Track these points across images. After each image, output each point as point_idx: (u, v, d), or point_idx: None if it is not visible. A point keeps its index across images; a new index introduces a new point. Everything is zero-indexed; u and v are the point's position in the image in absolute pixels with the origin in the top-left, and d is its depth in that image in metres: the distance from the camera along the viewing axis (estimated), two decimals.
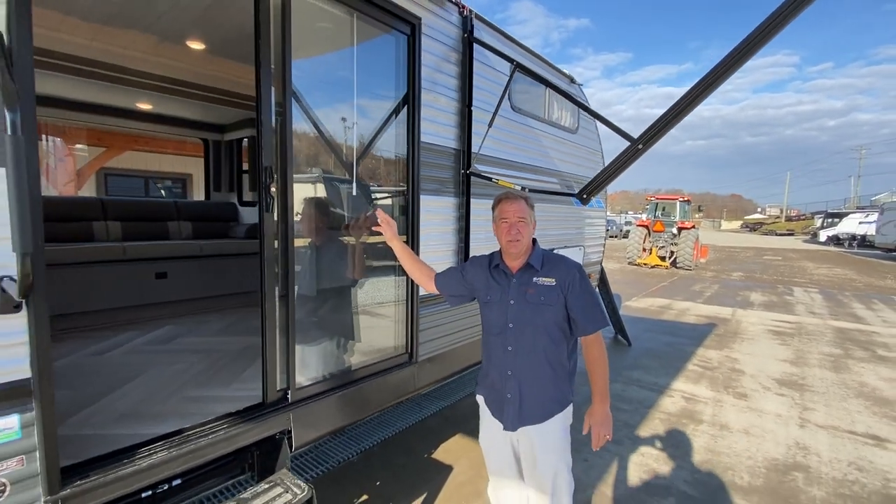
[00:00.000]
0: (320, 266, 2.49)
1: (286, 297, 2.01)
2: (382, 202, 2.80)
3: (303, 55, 2.12)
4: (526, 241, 1.93)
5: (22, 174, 0.97)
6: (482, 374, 2.09)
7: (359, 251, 2.52)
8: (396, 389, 2.59)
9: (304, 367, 2.32)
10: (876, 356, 6.14)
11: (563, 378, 1.94)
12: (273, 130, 1.92)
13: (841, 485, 3.13)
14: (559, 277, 1.88)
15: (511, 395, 1.93)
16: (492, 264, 2.04)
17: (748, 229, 66.69)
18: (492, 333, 1.99)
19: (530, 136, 3.63)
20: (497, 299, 1.96)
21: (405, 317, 2.65)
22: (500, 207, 1.96)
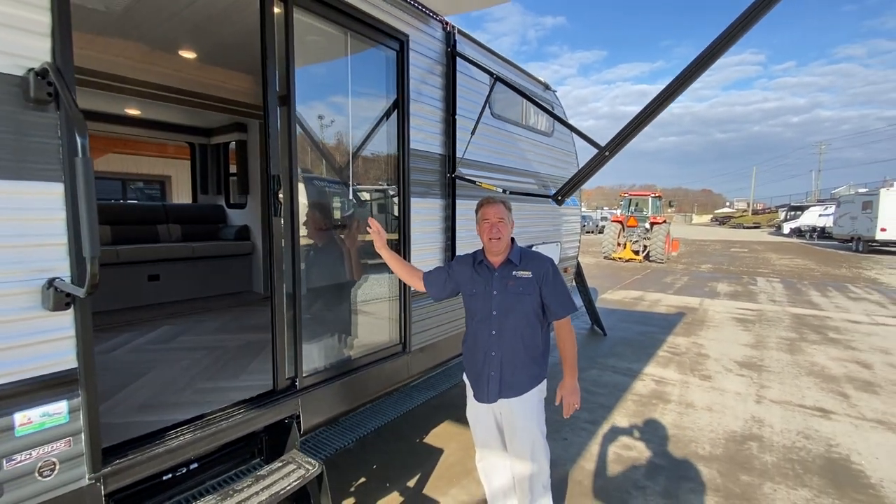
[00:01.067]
0: (320, 264, 2.68)
1: (294, 294, 2.21)
2: (375, 203, 3.01)
3: (300, 68, 2.31)
4: (505, 240, 2.21)
5: (91, 190, 1.15)
6: (467, 357, 2.35)
7: (355, 253, 2.73)
8: (392, 376, 2.81)
9: (310, 357, 2.52)
10: (827, 339, 6.68)
11: (538, 357, 2.24)
12: (279, 141, 2.11)
13: (790, 451, 3.51)
14: (535, 270, 2.19)
15: (494, 373, 2.21)
16: (475, 261, 2.33)
17: (717, 223, 69.11)
18: (477, 320, 2.26)
19: (509, 140, 3.89)
20: (481, 291, 2.24)
21: (399, 311, 2.88)
22: (483, 210, 2.25)
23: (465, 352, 2.38)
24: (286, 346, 2.21)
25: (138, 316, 3.85)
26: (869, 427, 3.89)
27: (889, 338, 6.68)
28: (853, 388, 4.75)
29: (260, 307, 4.34)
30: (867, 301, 9.49)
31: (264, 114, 2.06)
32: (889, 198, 18.80)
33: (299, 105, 2.21)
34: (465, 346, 2.37)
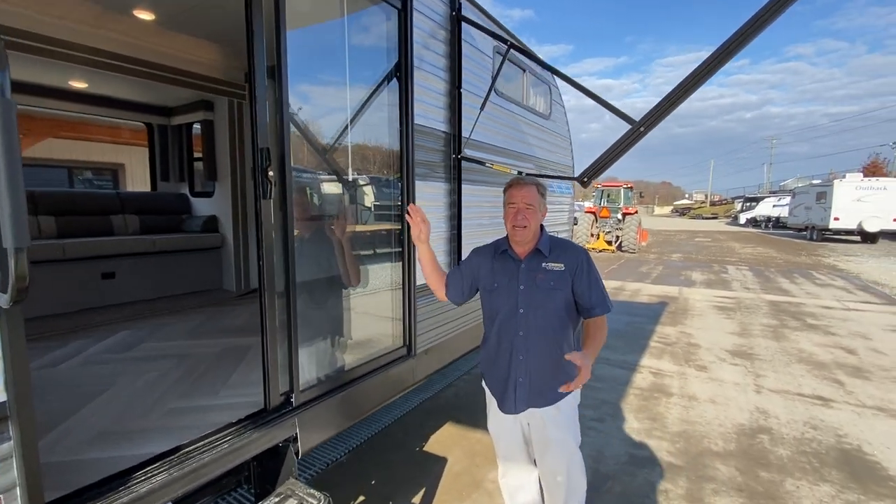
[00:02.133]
0: (311, 257, 2.31)
1: (287, 292, 1.84)
2: (373, 187, 2.65)
3: (290, 31, 1.92)
4: (533, 228, 1.92)
5: (14, 145, 0.76)
6: (486, 361, 2.06)
7: (348, 249, 2.35)
8: (397, 383, 2.48)
9: (307, 367, 2.15)
10: (807, 325, 6.80)
11: (570, 352, 1.95)
12: (268, 107, 1.72)
13: (801, 443, 3.42)
14: (567, 262, 1.91)
15: (522, 379, 1.93)
16: (497, 251, 2.03)
17: (678, 214, 71.80)
18: (500, 319, 1.96)
19: (513, 121, 3.59)
20: (504, 285, 1.95)
21: (402, 309, 2.54)
22: (510, 192, 1.95)
23: (483, 357, 2.08)
24: (279, 356, 1.84)
25: (91, 319, 3.33)
26: (871, 415, 3.87)
27: (864, 323, 6.87)
28: (845, 375, 4.78)
29: (233, 307, 3.89)
30: (834, 287, 9.84)
31: (249, 69, 1.66)
32: (842, 189, 19.81)
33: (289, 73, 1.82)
34: (485, 351, 2.07)
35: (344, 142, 2.33)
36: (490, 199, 3.24)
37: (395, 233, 2.52)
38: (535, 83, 4.11)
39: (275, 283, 1.78)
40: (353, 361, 2.29)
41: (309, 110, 2.25)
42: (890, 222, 19.25)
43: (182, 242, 4.19)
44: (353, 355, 2.34)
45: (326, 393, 2.03)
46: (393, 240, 2.53)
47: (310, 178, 2.38)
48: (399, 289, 2.54)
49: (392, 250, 2.53)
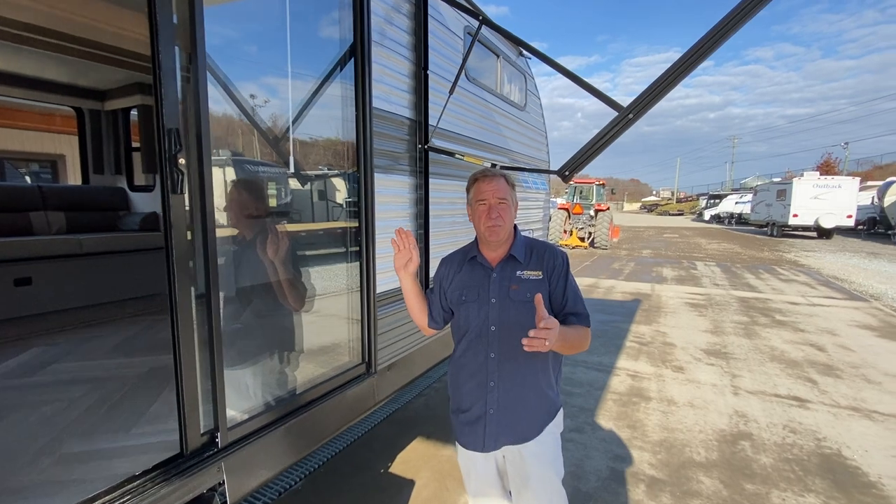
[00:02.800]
0: (248, 262, 1.96)
1: (207, 303, 1.49)
2: (324, 181, 2.31)
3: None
4: (508, 227, 1.64)
5: None
6: (455, 388, 1.77)
7: (285, 280, 1.97)
8: (354, 407, 2.16)
9: (238, 395, 1.81)
10: (775, 321, 6.85)
11: (548, 383, 1.69)
12: (177, 76, 1.37)
13: (783, 449, 3.30)
14: (545, 267, 1.62)
15: (493, 410, 1.64)
16: (466, 257, 1.74)
17: (646, 210, 73.81)
18: (467, 338, 1.68)
19: (485, 110, 3.30)
20: (474, 298, 1.66)
21: (360, 319, 2.22)
22: (476, 187, 1.65)
23: (450, 380, 1.79)
24: (199, 386, 1.49)
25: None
26: (847, 416, 3.81)
27: (829, 318, 6.99)
28: (817, 373, 4.76)
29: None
30: (797, 283, 10.08)
31: (150, 25, 1.30)
32: (801, 187, 20.56)
33: (210, 45, 1.47)
34: (452, 374, 1.78)
35: (288, 125, 1.98)
36: (463, 196, 2.96)
37: (351, 232, 2.20)
38: (510, 71, 3.84)
39: (190, 294, 1.44)
40: (300, 385, 1.96)
41: (244, 86, 1.89)
42: (844, 219, 20.12)
43: (116, 242, 3.71)
44: (299, 378, 2.01)
45: (265, 427, 1.70)
46: (349, 240, 2.20)
47: (247, 168, 2.03)
48: (355, 291, 2.22)
49: (348, 252, 2.21)
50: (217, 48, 1.70)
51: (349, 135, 2.14)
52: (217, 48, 1.70)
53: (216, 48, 1.67)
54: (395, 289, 2.40)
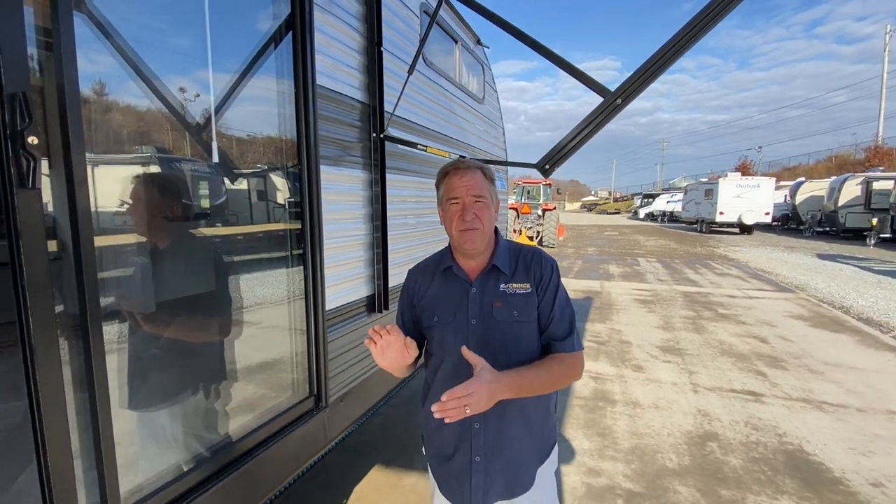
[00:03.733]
0: (159, 277, 1.52)
1: (85, 333, 1.07)
2: (258, 183, 1.89)
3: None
4: (487, 231, 1.33)
5: None
6: (429, 430, 1.44)
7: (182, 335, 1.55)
8: (300, 453, 1.77)
9: (142, 450, 1.38)
10: (719, 315, 7.12)
11: (544, 415, 1.40)
12: (24, 9, 0.93)
13: (748, 448, 3.27)
14: (534, 279, 1.34)
15: (480, 458, 1.32)
16: (440, 267, 1.41)
17: (586, 209, 77.29)
18: (444, 370, 1.36)
19: (444, 100, 2.99)
20: (450, 319, 1.34)
21: (307, 343, 1.82)
22: (447, 183, 1.33)
23: (423, 421, 1.46)
24: (73, 450, 1.06)
25: None
26: (800, 408, 3.90)
27: (766, 310, 7.38)
28: (765, 366, 4.90)
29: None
30: (731, 276, 10.70)
31: None
32: (726, 186, 22.19)
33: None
34: (425, 415, 1.45)
35: (210, 104, 1.55)
36: (427, 194, 2.63)
37: (292, 233, 1.80)
38: (469, 60, 3.56)
39: (53, 324, 1.00)
40: (233, 428, 1.55)
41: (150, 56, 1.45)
42: (762, 216, 21.96)
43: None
44: (231, 418, 1.59)
45: (177, 500, 1.27)
46: (291, 246, 1.81)
47: (158, 160, 1.57)
48: (300, 309, 1.82)
49: (290, 260, 1.81)
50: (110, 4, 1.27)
51: (288, 120, 1.74)
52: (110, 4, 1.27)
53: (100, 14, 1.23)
54: (348, 303, 2.03)
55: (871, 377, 4.56)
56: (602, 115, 1.73)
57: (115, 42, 1.34)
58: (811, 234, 21.22)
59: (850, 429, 3.53)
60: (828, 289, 8.99)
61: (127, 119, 1.46)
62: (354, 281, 2.11)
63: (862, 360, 5.04)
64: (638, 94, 1.70)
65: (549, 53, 1.87)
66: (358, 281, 2.14)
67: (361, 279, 2.16)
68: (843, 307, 7.56)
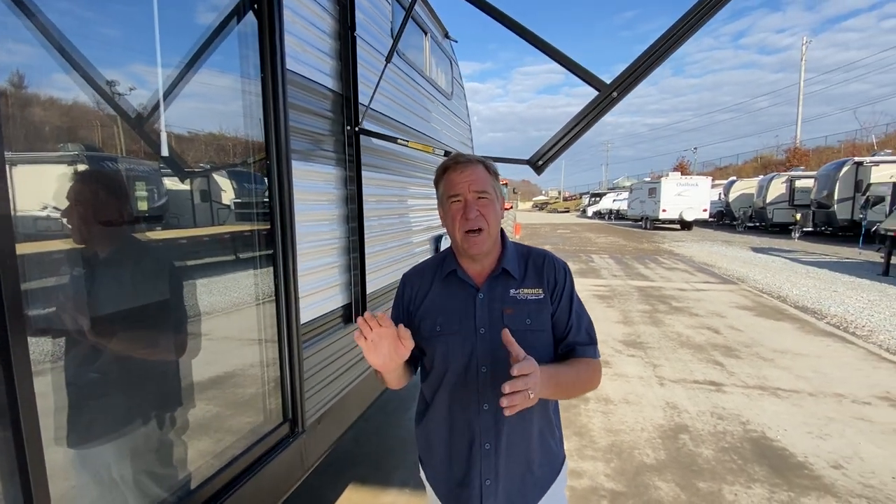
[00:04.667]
0: (109, 287, 1.27)
1: (6, 355, 0.83)
2: (220, 180, 1.65)
3: None
4: (493, 232, 1.21)
5: None
6: (427, 447, 1.31)
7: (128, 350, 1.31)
8: (276, 487, 1.56)
9: (82, 497, 1.14)
10: (673, 308, 7.43)
11: (552, 433, 1.30)
12: None
13: (717, 438, 3.37)
14: (546, 284, 1.23)
15: (490, 481, 1.20)
16: (442, 271, 1.27)
17: (538, 208, 79.34)
18: (447, 385, 1.23)
19: (416, 94, 2.84)
20: (455, 328, 1.21)
21: (279, 361, 1.61)
22: (447, 180, 1.20)
23: (423, 439, 1.32)
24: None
25: None
26: (757, 395, 4.09)
27: (714, 301, 7.79)
28: (721, 355, 5.13)
29: None
30: (679, 270, 11.26)
31: None
32: (667, 185, 23.47)
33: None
34: (425, 430, 1.31)
35: (156, 93, 1.31)
36: (407, 193, 2.47)
37: (261, 234, 1.58)
38: (438, 54, 3.42)
39: None
40: (187, 475, 1.32)
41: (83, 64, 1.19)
42: (701, 212, 23.43)
43: None
44: (184, 464, 1.36)
45: None
46: (259, 251, 1.59)
47: (99, 158, 1.31)
48: (271, 323, 1.61)
49: (258, 267, 1.59)
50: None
51: (254, 108, 1.53)
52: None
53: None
54: (324, 314, 1.84)
55: (815, 362, 4.88)
56: (598, 108, 1.65)
57: (39, 23, 1.09)
58: (744, 229, 22.91)
59: (804, 413, 3.73)
60: (765, 280, 9.66)
61: (54, 113, 1.19)
62: (330, 289, 1.91)
63: (805, 347, 5.40)
64: (634, 87, 1.64)
65: (541, 42, 1.77)
66: (334, 289, 1.94)
67: (337, 287, 1.97)
68: (781, 296, 8.14)
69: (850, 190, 15.53)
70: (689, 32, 1.62)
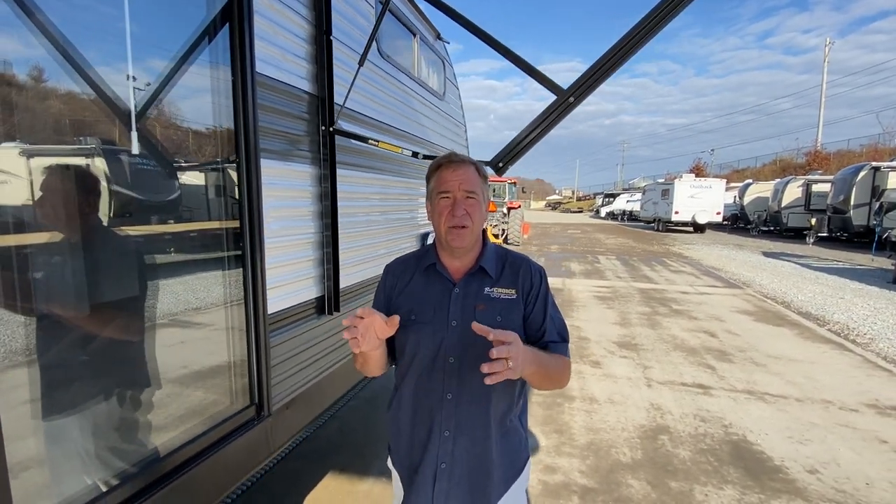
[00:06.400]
0: (75, 272, 1.38)
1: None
2: (191, 177, 1.76)
3: None
4: (476, 231, 1.27)
5: None
6: (394, 430, 1.38)
7: None
8: (240, 465, 1.66)
9: (65, 461, 1.25)
10: (673, 311, 7.40)
11: (517, 427, 1.35)
12: None
13: (697, 440, 3.40)
14: (520, 283, 1.29)
15: (446, 464, 1.26)
16: (422, 264, 1.34)
17: (550, 208, 78.92)
18: (415, 371, 1.29)
19: (402, 94, 2.91)
20: (428, 318, 1.27)
21: (247, 348, 1.72)
22: (438, 176, 1.27)
23: (390, 424, 1.39)
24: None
25: None
26: (744, 399, 4.09)
27: (715, 305, 7.73)
28: (713, 359, 5.12)
29: None
30: (684, 273, 11.17)
31: None
32: (681, 186, 23.17)
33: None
34: (392, 417, 1.38)
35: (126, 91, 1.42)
36: (386, 191, 2.56)
37: (230, 232, 1.68)
38: (428, 55, 3.49)
39: None
40: (153, 449, 1.42)
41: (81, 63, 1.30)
42: (714, 215, 23.08)
43: None
44: (148, 439, 1.47)
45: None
46: (227, 244, 1.69)
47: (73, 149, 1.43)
48: (239, 314, 1.71)
49: (224, 259, 1.69)
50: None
51: (224, 110, 1.62)
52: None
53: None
54: (295, 305, 1.93)
55: (808, 368, 4.85)
56: (555, 113, 1.71)
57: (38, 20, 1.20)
58: (757, 233, 22.50)
59: (788, 418, 3.73)
60: (771, 285, 9.54)
61: (33, 105, 1.31)
62: (302, 282, 2.01)
63: (800, 352, 5.36)
64: (589, 93, 1.69)
65: (505, 50, 1.83)
66: (306, 282, 2.04)
67: (310, 280, 2.07)
68: (785, 302, 8.04)
69: (867, 195, 15.16)
70: (645, 39, 1.67)
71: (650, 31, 1.70)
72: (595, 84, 1.69)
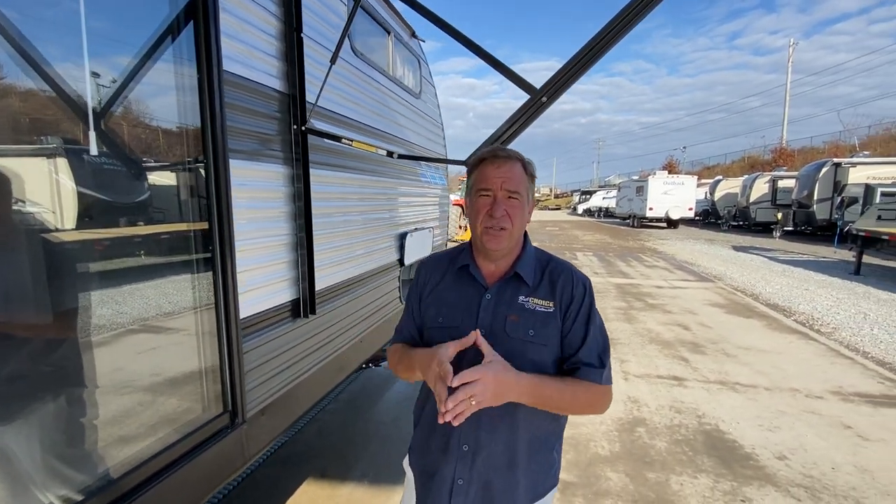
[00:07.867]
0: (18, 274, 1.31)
1: None
2: (158, 177, 1.70)
3: None
4: (516, 234, 1.18)
5: None
6: (417, 426, 1.32)
7: None
8: (213, 475, 1.62)
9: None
10: (648, 305, 7.57)
11: (548, 448, 1.24)
12: None
13: (672, 431, 3.48)
14: (560, 298, 1.18)
15: (463, 481, 1.17)
16: (455, 264, 1.27)
17: None
18: None
19: (377, 93, 2.88)
20: (455, 323, 1.19)
21: (219, 354, 1.67)
22: (480, 172, 1.17)
23: (414, 414, 1.35)
24: None
25: None
26: (716, 390, 4.22)
27: (688, 299, 7.94)
28: (687, 351, 5.26)
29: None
30: (658, 268, 11.43)
31: None
32: (655, 183, 23.72)
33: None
34: (418, 408, 1.33)
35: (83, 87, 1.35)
36: (357, 191, 2.52)
37: (199, 233, 1.63)
38: (403, 53, 3.47)
39: None
40: (122, 460, 1.37)
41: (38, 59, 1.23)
42: (686, 211, 23.73)
43: None
44: (120, 450, 1.41)
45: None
46: (195, 247, 1.64)
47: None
48: (210, 317, 1.66)
49: (192, 264, 1.64)
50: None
51: (190, 109, 1.57)
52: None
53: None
54: (267, 309, 1.89)
55: (776, 358, 5.03)
56: (528, 112, 1.72)
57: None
58: (728, 228, 23.24)
59: (758, 407, 3.86)
60: (741, 278, 9.86)
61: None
62: (276, 284, 1.96)
63: (769, 343, 5.56)
64: (562, 93, 1.71)
65: (478, 49, 1.83)
66: (280, 284, 1.99)
67: (285, 282, 2.02)
68: (754, 294, 8.32)
69: (829, 190, 15.84)
70: (616, 38, 1.69)
71: (619, 32, 1.72)
72: (567, 83, 1.71)
